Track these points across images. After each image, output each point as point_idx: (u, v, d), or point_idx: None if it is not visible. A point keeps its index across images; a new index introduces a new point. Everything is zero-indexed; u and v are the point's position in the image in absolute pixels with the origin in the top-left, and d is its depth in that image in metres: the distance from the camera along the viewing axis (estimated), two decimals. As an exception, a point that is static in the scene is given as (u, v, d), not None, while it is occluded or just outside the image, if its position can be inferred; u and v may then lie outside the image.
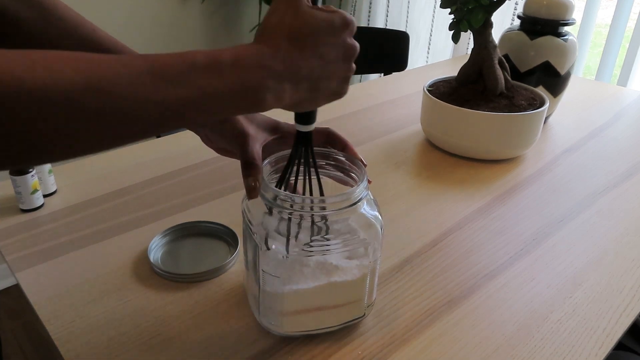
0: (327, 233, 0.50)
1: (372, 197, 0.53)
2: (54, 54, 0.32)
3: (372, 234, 0.51)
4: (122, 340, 0.54)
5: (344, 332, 0.56)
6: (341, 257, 0.52)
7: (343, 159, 0.55)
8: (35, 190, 0.76)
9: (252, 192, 0.50)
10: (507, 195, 0.85)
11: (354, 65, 0.43)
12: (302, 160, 0.50)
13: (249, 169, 0.50)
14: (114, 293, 0.61)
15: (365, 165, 0.54)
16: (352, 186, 0.53)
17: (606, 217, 0.80)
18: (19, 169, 0.74)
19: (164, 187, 0.84)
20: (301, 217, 0.49)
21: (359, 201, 0.50)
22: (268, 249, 0.49)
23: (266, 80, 0.38)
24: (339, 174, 0.55)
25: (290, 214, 0.49)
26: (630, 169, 0.95)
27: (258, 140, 0.54)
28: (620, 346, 0.92)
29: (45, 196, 0.79)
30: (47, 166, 0.79)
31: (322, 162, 0.55)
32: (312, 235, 0.49)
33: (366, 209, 0.51)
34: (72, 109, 0.31)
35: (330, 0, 2.60)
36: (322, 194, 0.52)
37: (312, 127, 0.49)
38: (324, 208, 0.48)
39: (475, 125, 0.92)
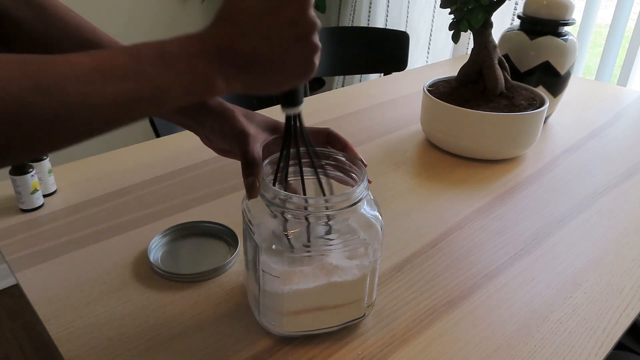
0: (328, 233, 0.50)
1: (372, 197, 0.53)
2: (2, 57, 0.32)
3: (372, 234, 0.51)
4: (122, 340, 0.54)
5: (344, 332, 0.56)
6: (341, 257, 0.52)
7: (343, 159, 0.55)
8: (35, 190, 0.76)
9: (252, 191, 0.49)
10: (507, 195, 0.85)
11: (316, 42, 0.41)
12: (298, 154, 0.50)
13: (250, 168, 0.50)
14: (114, 293, 0.61)
15: (365, 166, 0.54)
16: (352, 186, 0.53)
17: (606, 217, 0.80)
18: (18, 169, 0.74)
19: (164, 187, 0.84)
20: (306, 217, 0.49)
21: (359, 201, 0.50)
22: (268, 249, 0.49)
23: (212, 66, 0.38)
24: (339, 174, 0.55)
25: (291, 214, 0.49)
26: (630, 169, 0.95)
27: (258, 140, 0.54)
28: (620, 346, 0.92)
29: (45, 196, 0.79)
30: (47, 166, 0.79)
31: (321, 162, 0.55)
32: (310, 235, 0.49)
33: (366, 209, 0.51)
34: (24, 111, 0.31)
35: (331, 1, 2.61)
36: (323, 192, 0.52)
37: (298, 110, 0.48)
38: (324, 208, 0.48)
39: (475, 125, 0.92)
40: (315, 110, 1.19)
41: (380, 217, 0.52)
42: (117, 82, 0.34)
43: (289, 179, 0.55)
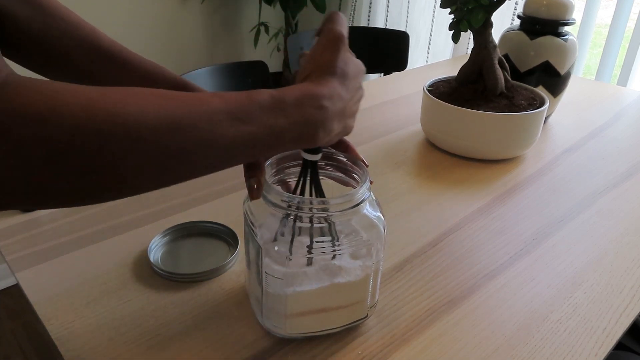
0: (331, 235, 0.50)
1: (374, 198, 0.53)
2: (140, 90, 0.34)
3: (375, 235, 0.51)
4: (122, 340, 0.54)
5: (344, 332, 0.56)
6: (344, 258, 0.52)
7: (345, 159, 0.55)
8: (35, 190, 0.76)
9: (254, 192, 0.49)
10: (507, 195, 0.85)
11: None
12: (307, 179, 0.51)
13: (252, 169, 0.50)
14: (114, 293, 0.61)
15: (367, 166, 0.54)
16: (354, 187, 0.53)
17: (606, 217, 0.80)
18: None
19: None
20: (308, 219, 0.49)
21: (361, 202, 0.50)
22: (271, 251, 0.49)
23: (323, 118, 0.42)
24: (340, 174, 0.55)
25: (294, 215, 0.49)
26: (630, 169, 0.95)
27: None
28: (620, 346, 0.92)
29: (45, 196, 0.79)
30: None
31: (323, 163, 0.55)
32: (314, 237, 0.49)
33: (369, 209, 0.51)
34: (158, 144, 0.33)
35: (331, 1, 2.61)
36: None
37: (318, 157, 0.51)
38: (327, 209, 0.48)
39: (475, 125, 0.92)
40: (315, 110, 1.19)
41: (382, 217, 0.52)
42: (240, 124, 0.37)
43: (288, 180, 0.55)
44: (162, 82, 0.56)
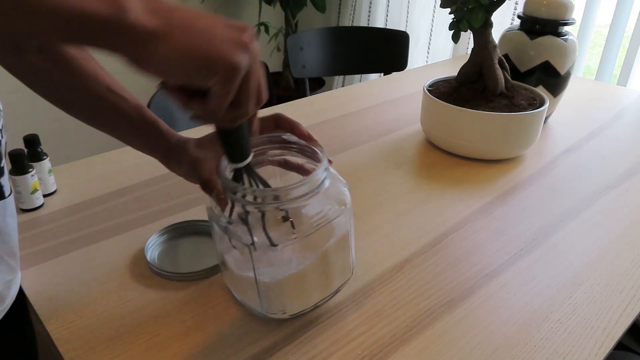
0: (291, 222, 0.51)
1: (333, 172, 0.55)
2: None
3: (343, 199, 0.53)
4: (122, 340, 0.54)
5: (344, 332, 0.56)
6: (320, 232, 0.53)
7: (297, 143, 0.56)
8: (35, 190, 0.76)
9: (220, 203, 0.52)
10: (507, 195, 0.85)
11: (248, 39, 0.39)
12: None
13: (207, 186, 0.53)
14: (114, 293, 0.61)
15: (316, 141, 0.55)
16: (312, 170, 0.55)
17: (606, 217, 0.80)
18: (18, 169, 0.74)
19: (164, 187, 0.84)
20: (278, 209, 0.50)
21: (324, 180, 0.51)
22: (254, 244, 0.49)
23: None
24: (300, 159, 0.56)
25: (262, 209, 0.49)
26: (630, 169, 0.95)
27: (208, 160, 0.57)
28: (620, 346, 0.92)
29: (45, 196, 0.79)
30: (47, 166, 0.79)
31: (278, 151, 0.56)
32: (290, 221, 0.51)
33: (333, 183, 0.53)
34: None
35: (331, 1, 2.60)
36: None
37: (245, 163, 0.48)
38: (292, 198, 0.49)
39: (475, 125, 0.92)
40: (316, 110, 1.19)
41: (343, 180, 0.55)
42: None
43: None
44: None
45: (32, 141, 0.78)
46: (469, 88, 0.98)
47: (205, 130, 0.56)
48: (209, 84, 0.37)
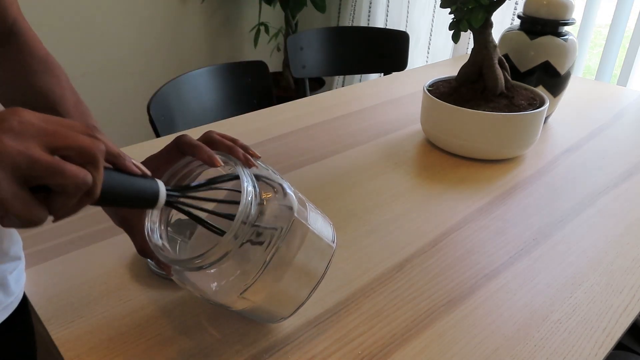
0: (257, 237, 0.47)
1: (262, 174, 0.49)
2: None
3: (284, 215, 0.48)
4: (122, 340, 0.54)
5: (344, 332, 0.56)
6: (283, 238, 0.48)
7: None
8: (35, 190, 0.76)
9: (164, 270, 0.48)
10: (507, 195, 0.85)
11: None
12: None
13: (144, 256, 0.49)
14: (114, 293, 0.61)
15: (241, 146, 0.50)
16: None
17: (606, 217, 0.80)
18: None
19: (164, 187, 0.84)
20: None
21: (252, 206, 0.45)
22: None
23: None
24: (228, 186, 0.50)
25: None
26: (630, 169, 0.95)
27: (135, 226, 0.51)
28: (620, 346, 0.92)
29: (45, 196, 0.79)
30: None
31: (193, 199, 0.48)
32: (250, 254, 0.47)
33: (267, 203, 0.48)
34: None
35: (331, 1, 2.60)
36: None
37: (160, 203, 0.42)
38: (212, 261, 0.44)
39: (476, 125, 0.92)
40: (316, 110, 1.19)
41: (276, 176, 0.49)
42: None
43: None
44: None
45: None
46: (469, 88, 0.98)
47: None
48: None
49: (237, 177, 0.48)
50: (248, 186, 0.45)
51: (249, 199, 0.44)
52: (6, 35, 0.56)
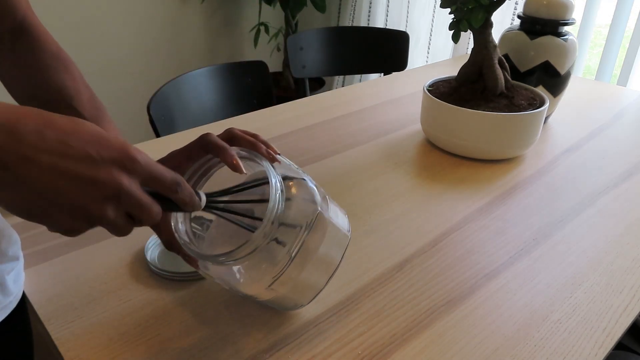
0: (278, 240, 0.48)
1: (287, 164, 0.51)
2: None
3: (308, 212, 0.49)
4: (122, 340, 0.54)
5: (344, 332, 0.56)
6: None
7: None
8: (35, 190, 0.76)
9: (190, 263, 0.50)
10: (507, 195, 0.85)
11: (101, 212, 0.34)
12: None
13: (172, 249, 0.50)
14: (114, 293, 0.61)
15: (275, 154, 0.51)
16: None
17: (606, 217, 0.80)
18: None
19: (164, 187, 0.84)
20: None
21: (278, 209, 0.46)
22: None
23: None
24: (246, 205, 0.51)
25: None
26: (630, 169, 0.95)
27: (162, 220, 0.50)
28: (620, 346, 0.92)
29: (45, 196, 0.79)
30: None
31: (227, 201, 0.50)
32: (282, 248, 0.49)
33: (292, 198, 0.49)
34: None
35: (331, 1, 2.61)
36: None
37: (201, 205, 0.44)
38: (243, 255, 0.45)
39: (476, 125, 0.92)
40: (316, 110, 1.19)
41: (298, 171, 0.51)
42: None
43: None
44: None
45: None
46: (469, 88, 0.98)
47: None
48: None
49: (264, 183, 0.49)
50: (276, 183, 0.46)
51: (277, 195, 0.46)
52: (17, 31, 0.56)
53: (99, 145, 0.33)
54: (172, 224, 0.48)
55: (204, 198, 0.44)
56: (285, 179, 0.50)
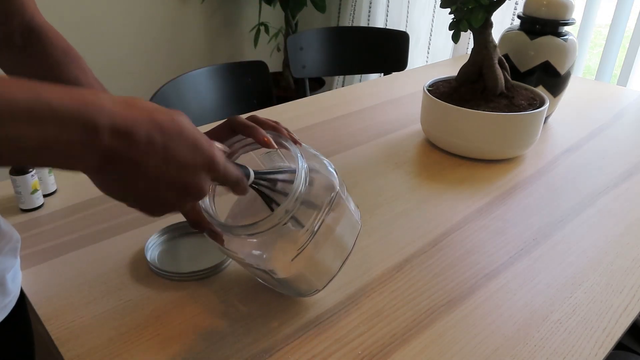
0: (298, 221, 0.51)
1: (309, 151, 0.55)
2: None
3: (329, 187, 0.53)
4: (122, 340, 0.54)
5: (344, 332, 0.56)
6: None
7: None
8: (35, 190, 0.76)
9: (216, 239, 0.52)
10: (507, 195, 0.85)
11: (180, 206, 0.41)
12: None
13: (198, 227, 0.51)
14: (114, 293, 0.61)
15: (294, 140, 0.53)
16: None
17: (606, 217, 0.80)
18: (19, 169, 0.74)
19: (164, 187, 0.84)
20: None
21: (304, 184, 0.49)
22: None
23: (84, 153, 0.34)
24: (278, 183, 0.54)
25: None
26: (630, 169, 0.95)
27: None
28: (620, 346, 0.92)
29: (45, 196, 0.79)
30: (47, 166, 0.79)
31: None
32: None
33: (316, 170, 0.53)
34: None
35: (331, 1, 2.60)
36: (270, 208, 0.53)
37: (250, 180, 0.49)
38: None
39: (476, 125, 0.92)
40: (316, 110, 1.19)
41: (319, 156, 0.55)
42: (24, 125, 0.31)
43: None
44: None
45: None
46: (469, 88, 0.98)
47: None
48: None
49: (291, 171, 0.53)
50: (302, 164, 0.50)
51: (302, 174, 0.49)
52: (26, 30, 0.56)
53: (194, 151, 0.39)
54: (202, 204, 0.51)
55: (252, 174, 0.49)
56: (310, 160, 0.53)
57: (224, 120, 0.53)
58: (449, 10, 0.93)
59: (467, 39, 2.05)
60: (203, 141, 0.40)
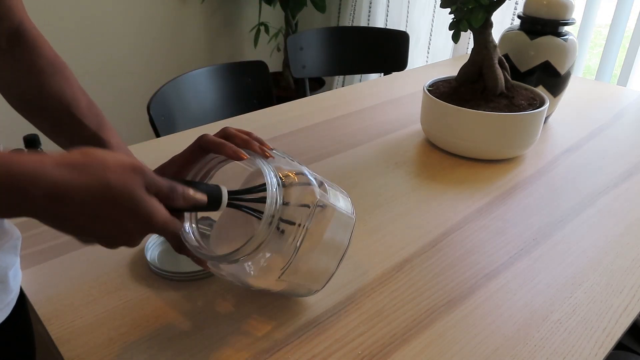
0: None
1: (280, 157, 0.53)
2: None
3: (308, 198, 0.51)
4: (122, 340, 0.54)
5: (344, 332, 0.56)
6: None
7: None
8: (35, 190, 0.76)
9: (202, 264, 0.53)
10: (507, 195, 0.85)
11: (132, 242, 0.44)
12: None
13: (182, 253, 0.53)
14: (114, 293, 0.61)
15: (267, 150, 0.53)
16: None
17: (606, 217, 0.80)
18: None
19: (164, 187, 0.84)
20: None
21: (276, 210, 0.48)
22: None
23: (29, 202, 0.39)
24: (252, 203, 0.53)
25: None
26: (630, 169, 0.95)
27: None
28: (620, 346, 0.92)
29: (45, 196, 0.79)
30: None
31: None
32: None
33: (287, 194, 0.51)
34: None
35: (331, 1, 2.61)
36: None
37: (223, 204, 0.49)
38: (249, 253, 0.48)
39: (475, 125, 0.92)
40: (316, 110, 1.19)
41: (297, 168, 0.52)
42: None
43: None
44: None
45: (32, 141, 0.78)
46: (469, 88, 0.98)
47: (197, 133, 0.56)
48: None
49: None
50: (272, 179, 0.48)
51: (274, 191, 0.48)
52: (14, 35, 0.56)
53: (129, 215, 0.41)
54: (182, 229, 0.50)
55: (225, 195, 0.49)
56: (281, 171, 0.51)
57: (193, 142, 0.53)
58: (449, 10, 0.93)
59: (467, 39, 2.05)
60: (144, 205, 0.41)
